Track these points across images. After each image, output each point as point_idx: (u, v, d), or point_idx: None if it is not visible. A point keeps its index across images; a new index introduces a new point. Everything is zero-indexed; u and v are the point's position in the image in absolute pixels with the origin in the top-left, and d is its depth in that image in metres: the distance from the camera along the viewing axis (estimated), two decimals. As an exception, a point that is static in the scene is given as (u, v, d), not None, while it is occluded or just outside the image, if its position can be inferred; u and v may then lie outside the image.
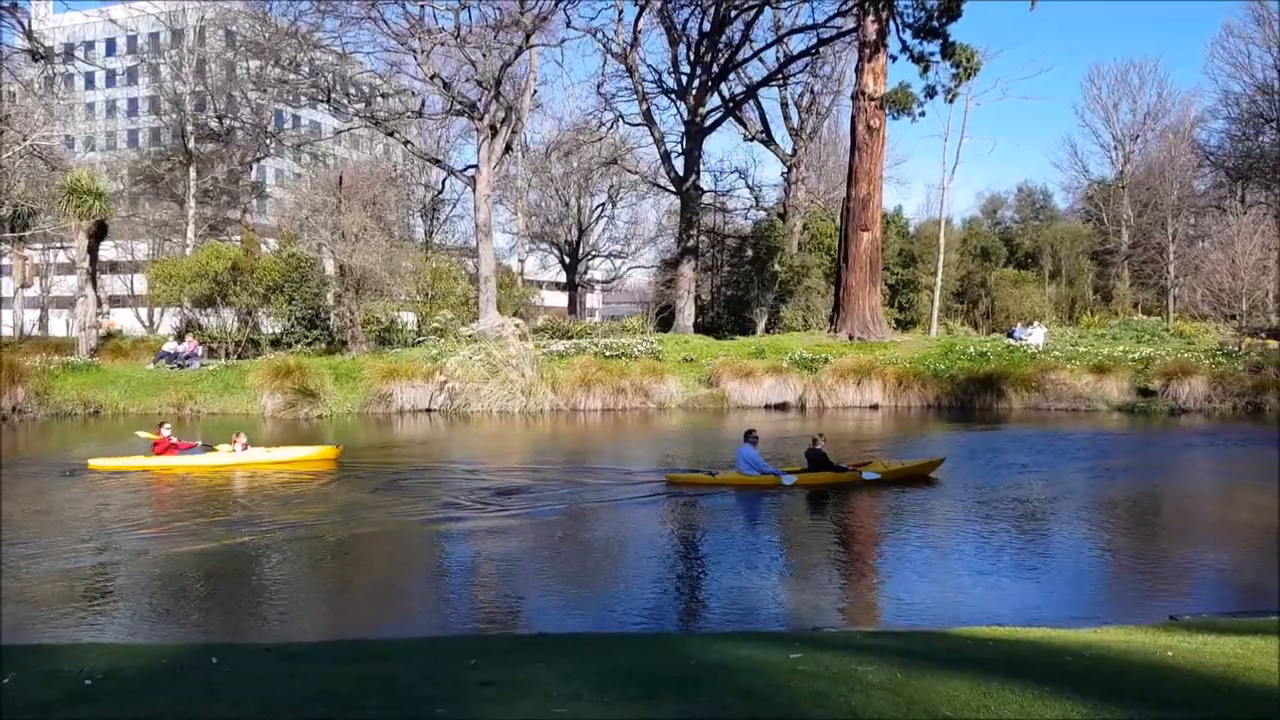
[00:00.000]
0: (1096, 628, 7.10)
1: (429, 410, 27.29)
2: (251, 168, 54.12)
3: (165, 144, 55.33)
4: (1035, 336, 34.42)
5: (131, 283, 51.75)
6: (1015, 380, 28.73)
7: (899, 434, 23.60)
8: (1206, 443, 21.57)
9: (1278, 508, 13.02)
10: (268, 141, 52.92)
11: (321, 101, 40.46)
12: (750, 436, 15.24)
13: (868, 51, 33.98)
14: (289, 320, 34.57)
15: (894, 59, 34.48)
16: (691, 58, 44.19)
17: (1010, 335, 35.78)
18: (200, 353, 31.03)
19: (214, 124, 50.97)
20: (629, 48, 43.26)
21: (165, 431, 17.28)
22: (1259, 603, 8.64)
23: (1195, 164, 55.26)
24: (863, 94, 34.23)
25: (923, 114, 33.85)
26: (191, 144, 49.96)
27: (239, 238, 45.16)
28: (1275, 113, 51.36)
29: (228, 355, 33.11)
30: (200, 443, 17.89)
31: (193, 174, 49.41)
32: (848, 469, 15.10)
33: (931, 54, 33.37)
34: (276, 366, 27.55)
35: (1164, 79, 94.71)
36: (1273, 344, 32.94)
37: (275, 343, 34.18)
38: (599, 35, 42.86)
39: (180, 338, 31.84)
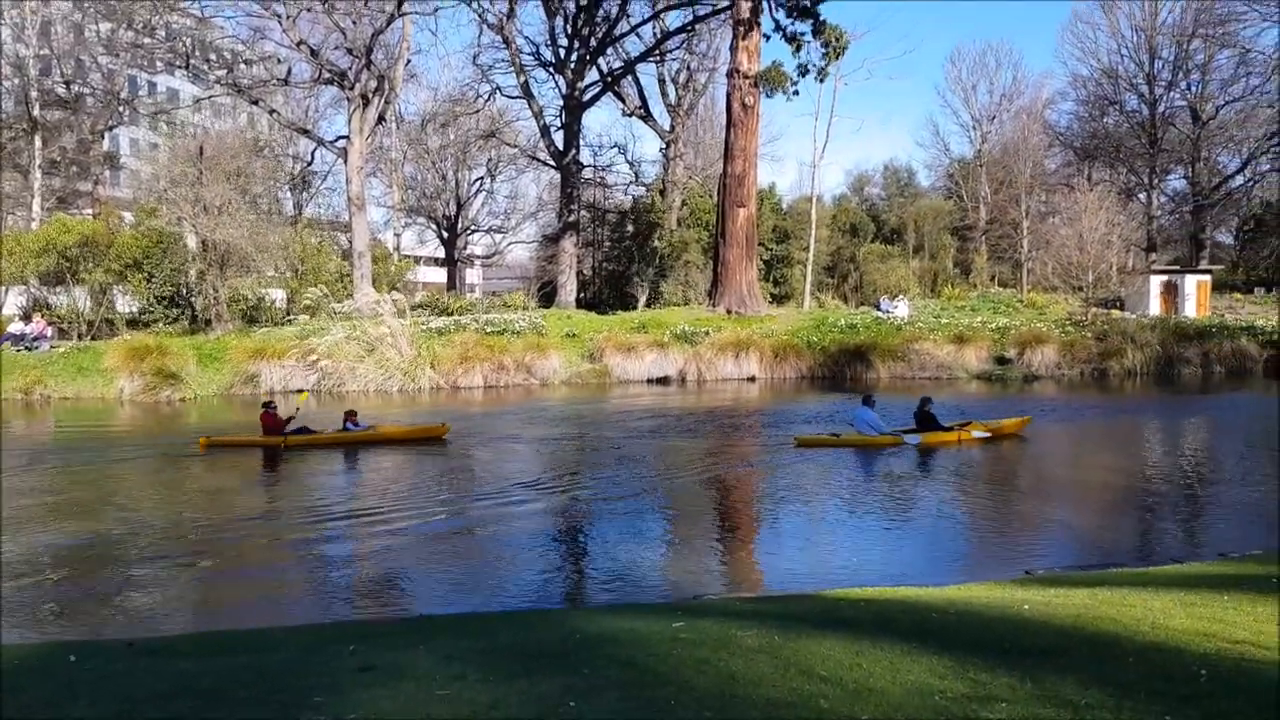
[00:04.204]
0: (959, 585, 7.48)
1: (300, 391, 26.42)
2: (103, 136, 50.79)
3: (7, 111, 51.15)
4: (900, 309, 35.82)
5: (-31, 260, 48.02)
6: (883, 351, 29.91)
7: (782, 404, 24.16)
8: (1054, 409, 22.91)
9: None
10: (121, 109, 49.77)
11: (179, 67, 38.33)
12: (869, 400, 16.43)
13: (742, 30, 34.41)
14: (147, 298, 32.80)
15: (767, 38, 35.13)
16: (569, 31, 43.82)
17: (877, 308, 37.12)
18: (50, 333, 29.20)
19: (61, 90, 47.54)
20: (505, 19, 42.57)
21: (273, 409, 17.19)
22: (1105, 557, 9.26)
23: (1046, 144, 58.25)
24: (737, 72, 34.70)
25: (796, 92, 34.63)
26: (36, 111, 46.41)
27: (90, 211, 42.47)
28: (1119, 95, 54.70)
29: (80, 336, 31.22)
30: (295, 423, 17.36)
31: (38, 143, 45.96)
32: (954, 428, 16.23)
33: (803, 33, 34.14)
34: (134, 347, 26.18)
35: (1019, 62, 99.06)
36: (1116, 314, 35.22)
37: (132, 322, 32.41)
38: (475, 5, 42.03)
39: (27, 318, 29.83)
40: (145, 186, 41.72)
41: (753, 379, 29.28)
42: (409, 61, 40.32)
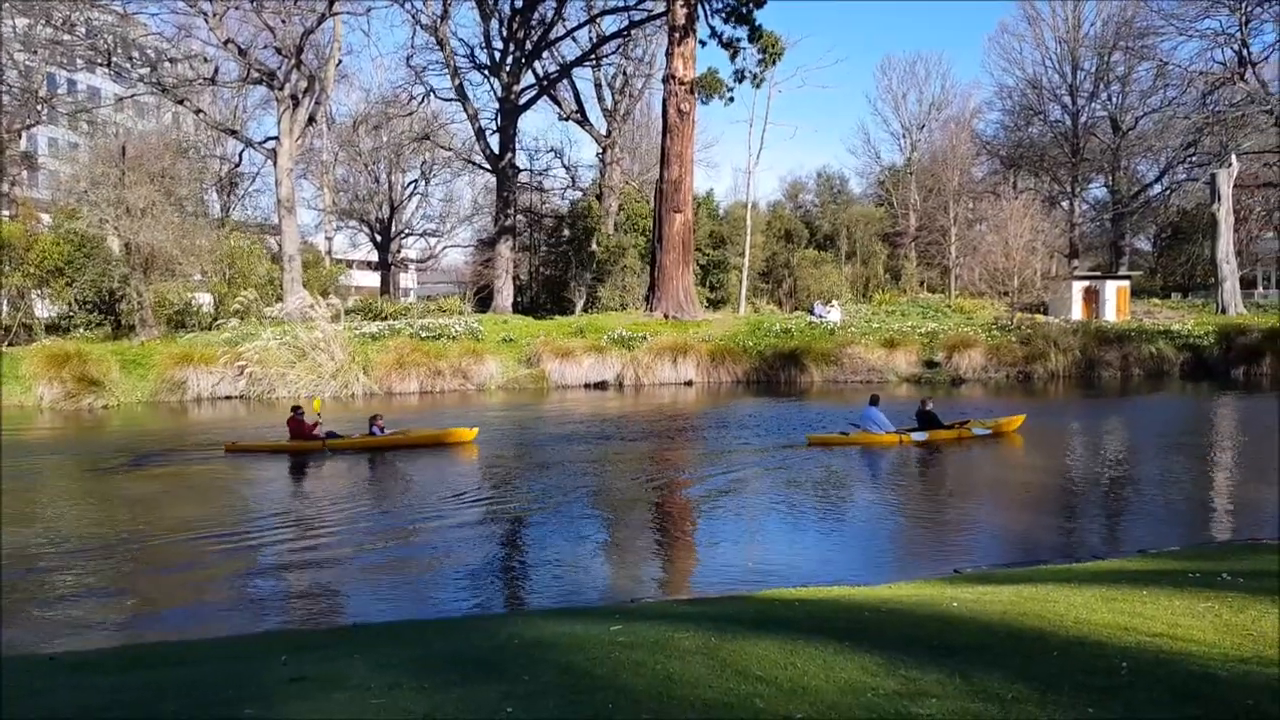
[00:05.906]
0: (891, 584, 7.62)
1: (229, 397, 25.83)
2: (21, 136, 48.97)
3: (-85, 108, 49.04)
4: (833, 314, 36.37)
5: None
6: (816, 355, 30.36)
7: (719, 408, 24.33)
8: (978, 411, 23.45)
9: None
10: (39, 107, 48.01)
11: (101, 65, 37.15)
12: (875, 400, 17.30)
13: (677, 35, 34.64)
14: (68, 303, 31.74)
15: (703, 44, 35.39)
16: (504, 34, 43.60)
17: (810, 313, 37.64)
18: (-39, 340, 28.08)
19: (-27, 87, 45.72)
20: (439, 20, 42.19)
21: (301, 414, 16.86)
22: (1031, 555, 9.51)
23: (974, 152, 59.78)
24: (673, 78, 34.91)
25: (731, 98, 34.96)
26: (-53, 109, 44.60)
27: (7, 213, 40.91)
28: (1043, 106, 56.37)
29: (-5, 342, 30.06)
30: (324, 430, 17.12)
31: (-51, 142, 44.18)
32: (955, 426, 17.11)
33: (739, 39, 34.49)
34: (53, 354, 25.33)
35: (947, 72, 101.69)
36: (1040, 318, 36.23)
37: (52, 328, 31.34)
38: (408, 5, 41.60)
39: (-64, 323, 28.67)
40: (65, 188, 40.35)
41: (690, 383, 29.45)
42: (340, 62, 39.75)
